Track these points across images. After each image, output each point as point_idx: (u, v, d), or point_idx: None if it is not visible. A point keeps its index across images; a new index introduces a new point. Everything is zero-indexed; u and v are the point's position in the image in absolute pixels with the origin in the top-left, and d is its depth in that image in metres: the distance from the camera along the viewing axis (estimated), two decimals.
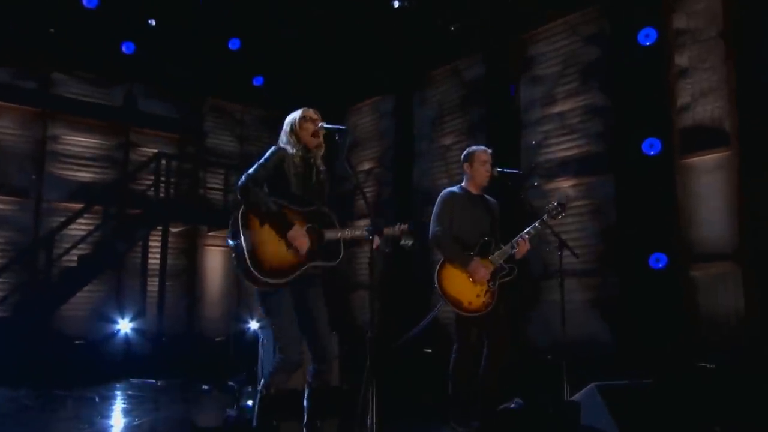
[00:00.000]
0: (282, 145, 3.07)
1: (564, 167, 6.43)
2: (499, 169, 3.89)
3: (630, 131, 5.70)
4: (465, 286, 3.69)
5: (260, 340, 4.78)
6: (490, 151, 3.93)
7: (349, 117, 9.16)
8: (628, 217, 5.77)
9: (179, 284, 8.88)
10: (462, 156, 3.98)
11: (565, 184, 6.41)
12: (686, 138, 5.50)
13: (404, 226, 3.08)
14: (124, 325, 7.99)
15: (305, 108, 3.15)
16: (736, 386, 4.53)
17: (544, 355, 5.96)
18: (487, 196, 3.99)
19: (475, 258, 3.72)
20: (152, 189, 8.58)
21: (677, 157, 5.54)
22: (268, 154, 2.98)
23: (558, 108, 6.54)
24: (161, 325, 8.13)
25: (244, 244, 2.78)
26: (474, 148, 3.96)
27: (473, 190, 3.91)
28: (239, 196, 2.86)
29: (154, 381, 6.52)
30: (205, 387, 6.07)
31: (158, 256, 8.31)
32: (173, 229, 8.75)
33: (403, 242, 3.07)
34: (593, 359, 5.51)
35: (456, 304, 3.67)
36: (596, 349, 5.77)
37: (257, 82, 9.07)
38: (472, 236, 3.79)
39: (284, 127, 3.14)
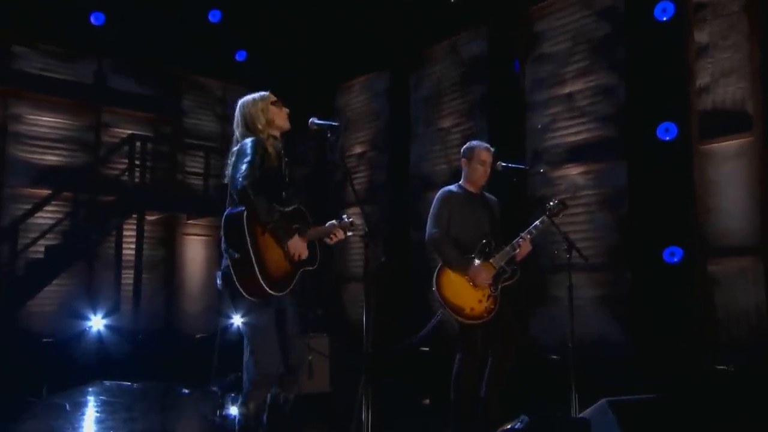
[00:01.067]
0: (260, 136, 3.01)
1: (572, 153, 6.38)
2: (503, 164, 3.89)
3: (644, 114, 5.67)
4: (465, 292, 3.69)
5: (245, 346, 4.72)
6: (492, 149, 3.92)
7: (340, 95, 9.08)
8: (642, 208, 5.74)
9: (156, 277, 8.85)
10: (462, 150, 3.97)
11: (574, 172, 6.36)
12: (705, 122, 5.46)
13: (347, 220, 3.18)
14: (97, 322, 7.95)
15: (262, 93, 3.10)
16: (756, 388, 4.55)
17: (550, 354, 5.97)
18: (486, 195, 4.00)
19: (475, 261, 3.73)
20: (126, 174, 8.53)
21: (695, 143, 5.49)
22: (251, 149, 2.89)
23: (566, 88, 6.48)
24: (137, 321, 8.11)
25: (253, 256, 2.75)
26: (475, 143, 3.94)
27: (472, 189, 3.92)
28: (240, 203, 2.81)
29: (129, 384, 6.46)
30: (186, 391, 6.07)
31: (133, 246, 8.28)
32: (149, 217, 8.71)
33: (350, 233, 3.19)
34: (603, 360, 5.52)
35: (457, 310, 3.67)
36: (606, 348, 5.77)
37: (240, 57, 8.98)
38: (472, 238, 3.79)
39: (247, 115, 3.06)
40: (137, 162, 8.49)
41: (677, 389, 4.78)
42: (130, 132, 8.66)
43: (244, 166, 2.81)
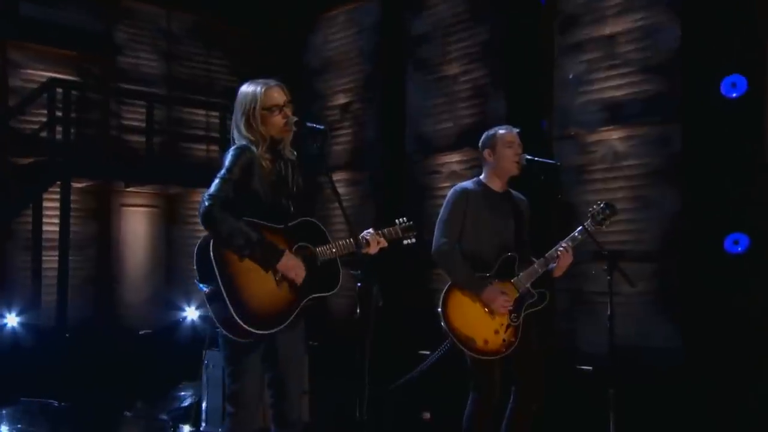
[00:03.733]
0: (245, 143, 3.02)
1: (612, 112, 6.28)
2: (528, 157, 3.84)
3: (705, 64, 5.60)
4: (478, 320, 3.70)
5: (204, 365, 4.81)
6: (516, 130, 3.91)
7: (319, 29, 8.95)
8: (699, 184, 5.68)
9: (87, 260, 8.78)
10: (480, 143, 3.97)
11: (613, 136, 6.27)
12: None
13: (406, 223, 3.37)
14: (11, 320, 7.77)
15: (266, 83, 3.07)
16: None
17: (581, 363, 5.98)
18: (514, 193, 3.99)
19: (492, 281, 3.73)
20: (45, 130, 8.32)
21: None
22: (231, 159, 2.96)
23: (606, 29, 6.34)
24: (63, 316, 7.98)
25: (224, 290, 2.80)
26: (494, 130, 3.94)
27: (496, 186, 3.92)
28: (204, 227, 2.87)
29: (54, 402, 6.31)
30: (128, 413, 5.97)
31: (57, 222, 8.12)
32: (77, 185, 8.58)
33: (406, 241, 3.35)
34: (647, 371, 5.56)
35: (466, 343, 3.66)
36: (652, 356, 5.78)
37: None
38: (491, 250, 3.80)
39: (238, 115, 3.07)
40: (59, 114, 8.29)
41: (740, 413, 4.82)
42: (48, 75, 8.42)
43: (214, 182, 2.90)
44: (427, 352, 6.61)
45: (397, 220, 3.39)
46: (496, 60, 7.04)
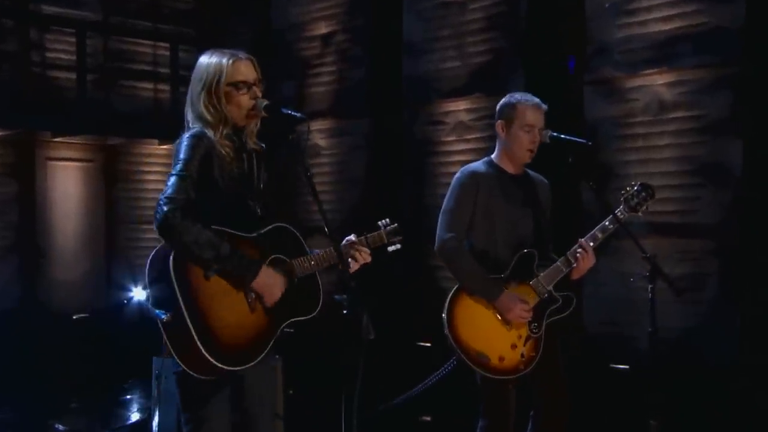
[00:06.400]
0: (199, 128, 3.02)
1: (658, 51, 6.17)
2: (553, 134, 3.87)
3: None
4: (493, 331, 3.76)
5: (155, 375, 4.83)
6: (544, 106, 3.91)
7: None
8: (765, 141, 5.68)
9: (6, 227, 8.81)
10: (498, 107, 3.96)
11: (659, 81, 6.17)
12: None
13: (390, 225, 3.40)
14: None
15: (234, 54, 3.08)
16: None
17: (614, 363, 5.98)
18: (532, 174, 4.04)
19: (507, 285, 3.78)
20: None
21: None
22: (186, 150, 2.95)
23: None
24: None
25: (187, 316, 2.80)
26: (517, 97, 3.94)
27: (510, 168, 3.95)
28: (162, 237, 2.89)
29: None
30: (58, 427, 5.88)
31: None
32: None
33: (391, 248, 3.41)
34: (693, 372, 5.60)
35: (478, 360, 3.71)
36: (699, 355, 5.79)
37: None
38: (506, 246, 3.85)
39: (196, 89, 3.07)
40: None
41: None
42: None
43: (170, 181, 2.89)
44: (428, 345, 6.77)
45: (379, 223, 3.40)
46: None
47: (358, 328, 2.78)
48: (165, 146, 9.28)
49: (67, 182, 9.11)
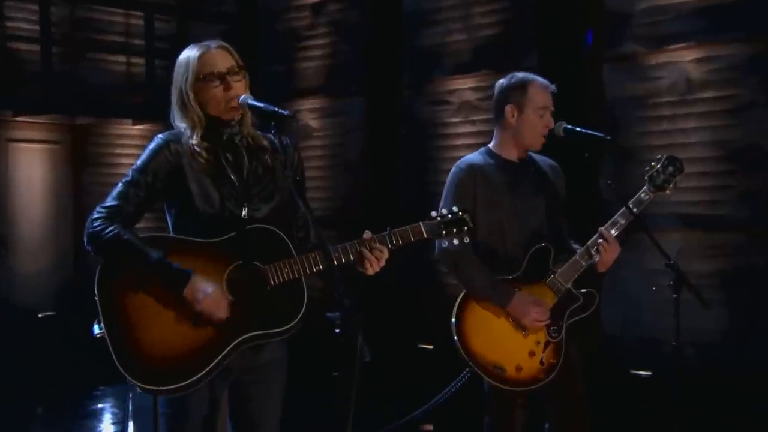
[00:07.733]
0: (172, 133, 3.10)
1: (687, 23, 6.20)
2: (567, 126, 3.87)
3: None
4: (507, 339, 3.77)
5: (128, 387, 4.84)
6: (552, 87, 3.89)
7: None
8: None
9: None
10: (500, 89, 3.93)
11: (687, 57, 6.21)
12: None
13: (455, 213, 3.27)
14: None
15: (206, 45, 3.09)
16: None
17: (636, 368, 6.07)
18: (538, 158, 4.03)
19: (520, 286, 3.79)
20: None
21: None
22: (144, 156, 3.05)
23: None
24: None
25: (106, 330, 2.89)
26: (523, 77, 3.89)
27: (513, 156, 3.95)
28: (87, 247, 2.97)
29: None
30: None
31: None
32: None
33: (446, 245, 3.39)
34: (722, 377, 5.68)
35: (493, 373, 3.72)
36: (728, 358, 5.84)
37: None
38: (516, 242, 3.86)
39: (174, 93, 3.11)
40: None
41: None
42: None
43: (117, 185, 3.00)
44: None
45: (433, 213, 3.23)
46: None
47: (353, 349, 2.70)
48: (139, 126, 9.29)
49: (31, 166, 9.15)
